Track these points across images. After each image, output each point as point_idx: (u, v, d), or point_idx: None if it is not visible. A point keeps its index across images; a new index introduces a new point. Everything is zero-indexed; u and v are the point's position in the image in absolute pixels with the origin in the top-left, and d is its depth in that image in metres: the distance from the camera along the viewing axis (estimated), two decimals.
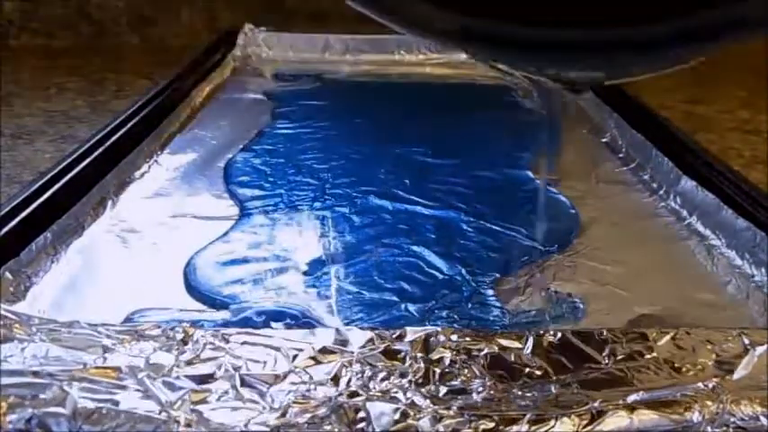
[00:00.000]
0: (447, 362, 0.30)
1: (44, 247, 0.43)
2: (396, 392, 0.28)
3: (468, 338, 0.32)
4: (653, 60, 0.34)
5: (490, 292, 0.42)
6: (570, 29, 0.30)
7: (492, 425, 0.27)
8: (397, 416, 0.27)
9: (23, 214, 0.44)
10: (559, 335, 0.32)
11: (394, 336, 0.32)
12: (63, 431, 0.26)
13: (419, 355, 0.31)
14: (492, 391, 0.29)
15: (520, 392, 0.29)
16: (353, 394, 0.28)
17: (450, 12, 0.31)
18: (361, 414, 0.27)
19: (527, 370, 0.30)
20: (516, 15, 0.30)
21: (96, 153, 0.55)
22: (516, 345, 0.31)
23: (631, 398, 0.28)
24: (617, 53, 0.32)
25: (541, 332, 0.32)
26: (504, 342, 0.32)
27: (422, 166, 0.61)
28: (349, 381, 0.29)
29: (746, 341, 0.32)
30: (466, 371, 0.30)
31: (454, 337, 0.32)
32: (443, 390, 0.29)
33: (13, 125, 0.73)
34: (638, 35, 0.30)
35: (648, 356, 0.31)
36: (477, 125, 0.73)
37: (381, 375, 0.29)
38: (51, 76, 0.92)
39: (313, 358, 0.30)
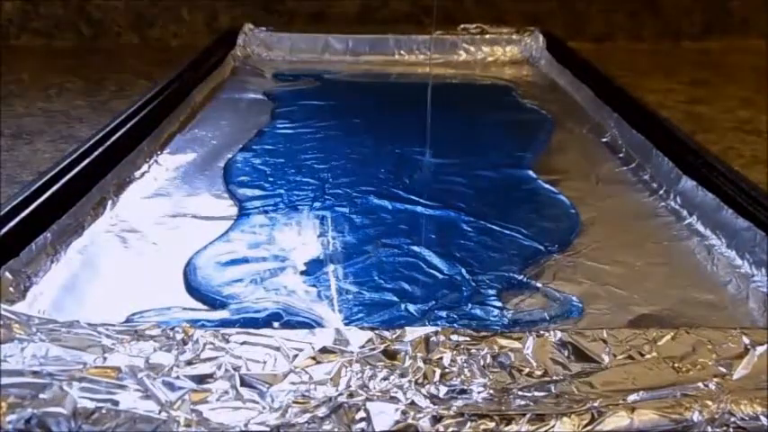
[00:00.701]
0: (447, 362, 0.30)
1: (44, 247, 0.43)
2: (396, 392, 0.28)
3: (468, 338, 0.32)
4: None
5: (490, 292, 0.42)
6: None
7: (492, 425, 0.27)
8: (397, 416, 0.27)
9: (23, 214, 0.44)
10: (559, 335, 0.32)
11: (394, 336, 0.32)
12: (63, 431, 0.26)
13: (419, 355, 0.31)
14: (492, 391, 0.29)
15: (520, 392, 0.29)
16: (353, 394, 0.28)
17: None
18: (361, 414, 0.27)
19: (527, 370, 0.30)
20: None
21: (96, 153, 0.55)
22: (516, 345, 0.31)
23: (631, 398, 0.28)
24: None
25: (541, 332, 0.32)
26: (504, 342, 0.32)
27: (422, 166, 0.61)
28: (349, 381, 0.29)
29: (746, 341, 0.32)
30: (466, 371, 0.30)
31: (454, 337, 0.32)
32: (443, 390, 0.29)
33: (13, 125, 0.73)
34: None
35: (648, 356, 0.31)
36: (477, 125, 0.73)
37: (381, 375, 0.29)
38: (51, 76, 0.92)
39: (313, 358, 0.30)
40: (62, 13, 1.10)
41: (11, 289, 0.39)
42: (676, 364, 0.31)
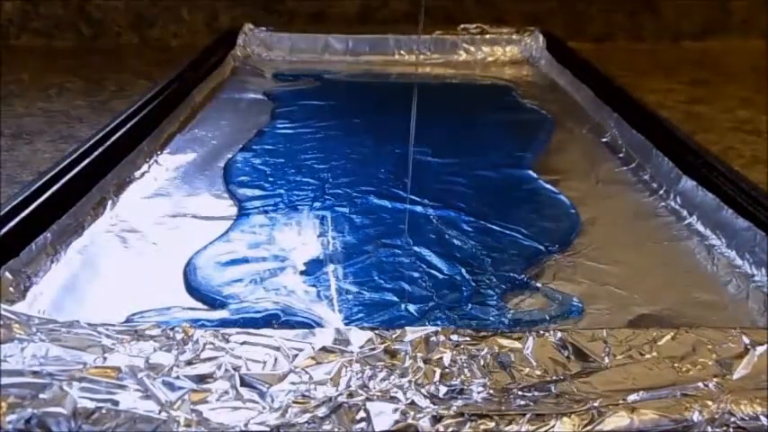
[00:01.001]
0: (447, 362, 0.30)
1: (44, 247, 0.43)
2: (396, 392, 0.28)
3: (468, 338, 0.32)
4: None
5: (490, 292, 0.42)
6: None
7: (492, 425, 0.27)
8: (397, 416, 0.27)
9: (23, 214, 0.44)
10: (559, 335, 0.32)
11: (394, 336, 0.32)
12: (63, 431, 0.26)
13: (419, 355, 0.31)
14: (492, 391, 0.29)
15: (520, 392, 0.29)
16: (353, 394, 0.28)
17: None
18: (361, 414, 0.27)
19: (527, 370, 0.30)
20: None
21: (96, 153, 0.55)
22: (516, 345, 0.31)
23: (631, 398, 0.28)
24: None
25: (541, 332, 0.32)
26: (504, 342, 0.32)
27: (422, 166, 0.61)
28: (349, 381, 0.29)
29: (746, 341, 0.32)
30: (466, 371, 0.30)
31: (454, 337, 0.32)
32: (443, 390, 0.29)
33: (13, 125, 0.73)
34: None
35: (648, 356, 0.31)
36: (478, 125, 0.73)
37: (381, 375, 0.29)
38: (51, 76, 0.92)
39: (313, 358, 0.30)
40: (62, 13, 1.10)
41: (11, 289, 0.39)
42: (676, 364, 0.31)
